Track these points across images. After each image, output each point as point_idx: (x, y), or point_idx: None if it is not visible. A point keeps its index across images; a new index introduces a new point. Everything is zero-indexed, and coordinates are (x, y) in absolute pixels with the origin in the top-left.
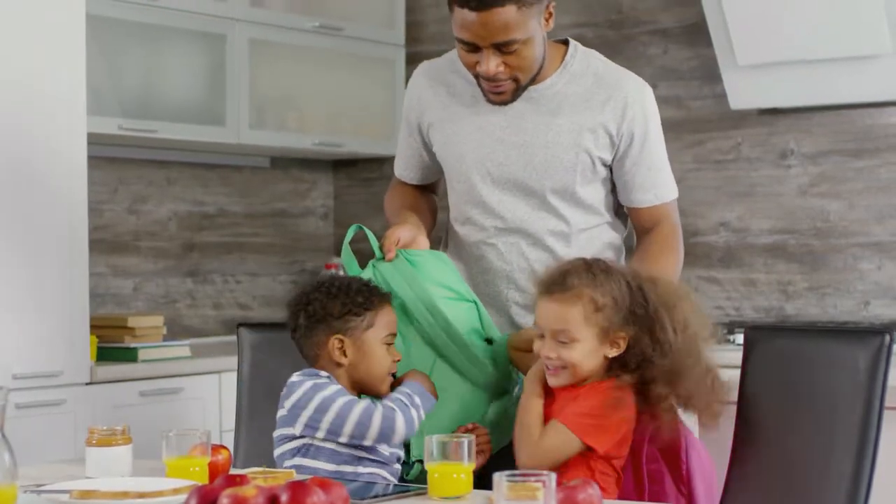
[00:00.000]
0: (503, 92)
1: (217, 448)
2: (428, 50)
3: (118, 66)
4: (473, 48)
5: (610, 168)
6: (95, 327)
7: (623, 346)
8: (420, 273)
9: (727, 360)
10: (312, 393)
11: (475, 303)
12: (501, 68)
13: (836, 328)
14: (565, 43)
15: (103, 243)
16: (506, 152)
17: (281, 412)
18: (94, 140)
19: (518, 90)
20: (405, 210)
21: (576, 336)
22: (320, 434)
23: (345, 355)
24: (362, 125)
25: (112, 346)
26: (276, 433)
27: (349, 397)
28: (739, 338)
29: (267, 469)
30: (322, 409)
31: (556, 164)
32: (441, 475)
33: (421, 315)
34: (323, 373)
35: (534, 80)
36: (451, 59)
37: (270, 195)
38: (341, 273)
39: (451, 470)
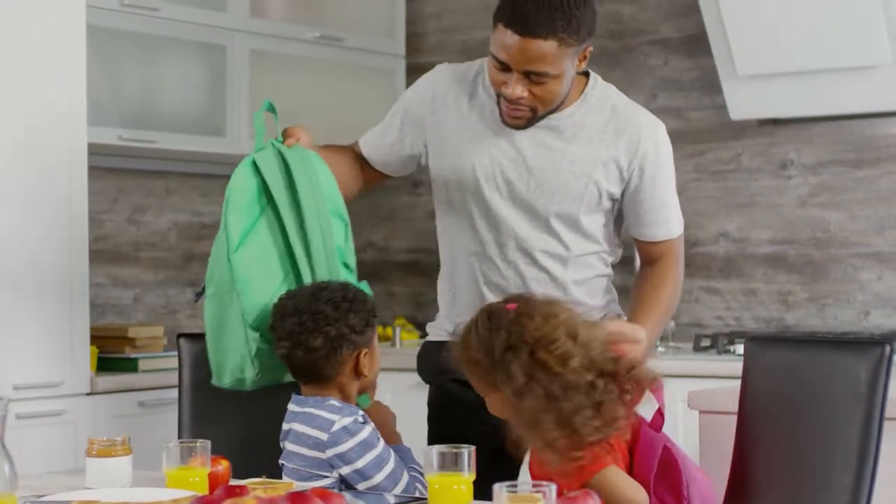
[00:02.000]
0: (520, 117)
1: (217, 459)
2: (428, 60)
3: (118, 77)
4: (505, 68)
5: (616, 200)
6: (96, 338)
7: None
8: (318, 174)
9: (728, 370)
10: (362, 451)
11: (346, 224)
12: (525, 94)
13: (836, 339)
14: (586, 74)
15: (103, 254)
16: (518, 171)
17: (312, 452)
18: (94, 151)
19: (533, 119)
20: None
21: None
22: (360, 487)
23: (367, 367)
24: (362, 135)
25: (112, 357)
26: (298, 466)
27: (396, 459)
28: (740, 348)
29: (267, 480)
30: (373, 469)
31: (564, 190)
32: (441, 486)
33: (309, 212)
34: (360, 413)
35: (552, 110)
36: (478, 70)
37: None
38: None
39: (450, 481)
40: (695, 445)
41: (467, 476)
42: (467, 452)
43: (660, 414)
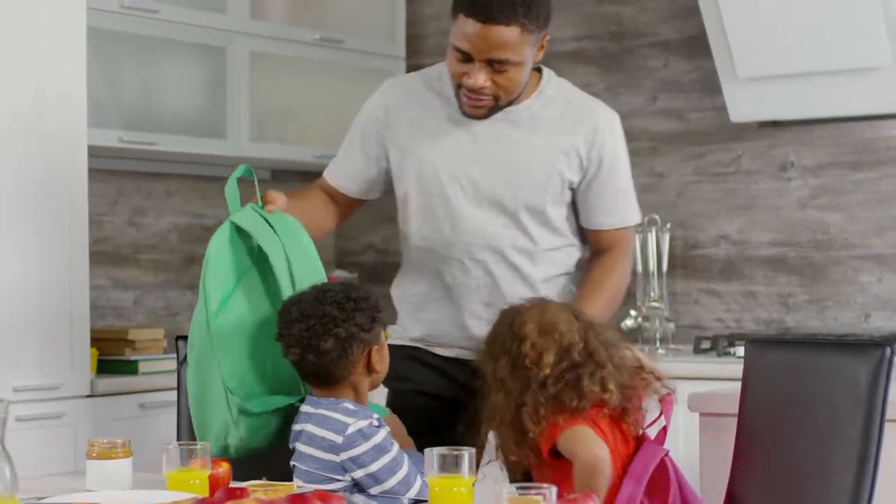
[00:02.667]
0: (481, 106)
1: (217, 461)
2: (428, 62)
3: (118, 79)
4: (467, 59)
5: (574, 191)
6: (96, 340)
7: None
8: (302, 241)
9: (728, 372)
10: (376, 455)
11: None
12: (488, 84)
13: (836, 341)
14: (539, 70)
15: (103, 256)
16: (480, 169)
17: (326, 455)
18: (94, 153)
19: (494, 108)
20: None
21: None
22: (373, 491)
23: (378, 362)
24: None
25: (112, 359)
26: (311, 469)
27: (409, 464)
28: (740, 350)
29: (267, 482)
30: (386, 474)
31: (528, 183)
32: (441, 489)
33: (301, 272)
34: (375, 416)
35: (511, 102)
36: (424, 78)
37: None
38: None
39: (451, 483)
40: (695, 447)
41: (467, 478)
42: (468, 455)
43: (664, 430)
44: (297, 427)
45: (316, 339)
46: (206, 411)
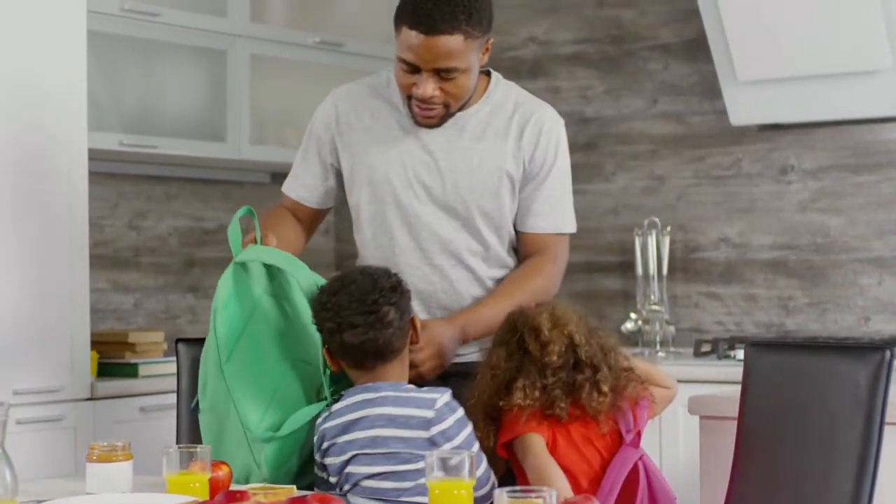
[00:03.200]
0: (433, 116)
1: (217, 464)
2: None
3: (119, 82)
4: (414, 70)
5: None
6: (96, 343)
7: None
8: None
9: (728, 375)
10: (459, 428)
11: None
12: (437, 93)
13: (836, 344)
14: (487, 74)
15: (104, 259)
16: (431, 176)
17: (414, 432)
18: (94, 156)
19: (446, 116)
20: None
21: None
22: None
23: (418, 330)
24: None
25: (113, 362)
26: (396, 450)
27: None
28: (740, 353)
29: (267, 485)
30: (466, 446)
31: (480, 189)
32: (442, 492)
33: (301, 304)
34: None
35: (462, 107)
36: (371, 85)
37: None
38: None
39: (451, 486)
40: (695, 451)
41: (467, 481)
42: (468, 457)
43: (639, 434)
44: (353, 416)
45: (381, 313)
46: (226, 455)
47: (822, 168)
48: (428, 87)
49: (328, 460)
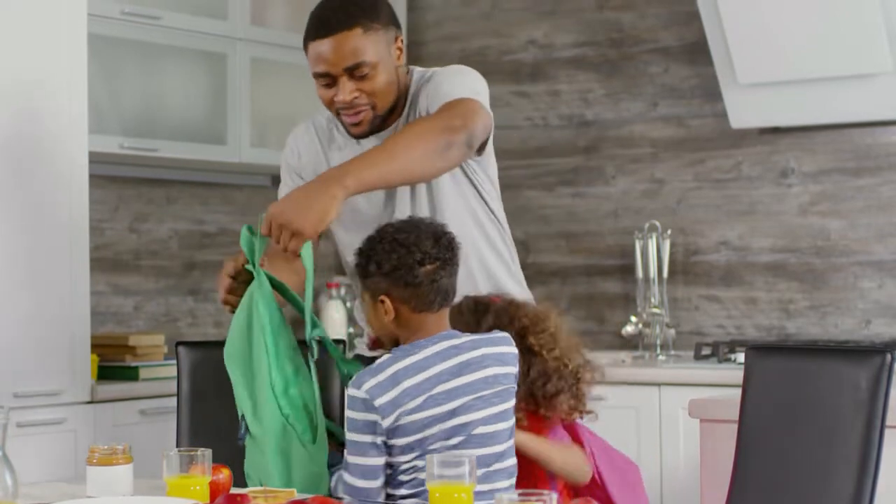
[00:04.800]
0: (360, 122)
1: (218, 467)
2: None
3: (119, 86)
4: (330, 81)
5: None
6: (96, 346)
7: None
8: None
9: (729, 379)
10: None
11: None
12: (356, 94)
13: (837, 347)
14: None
15: (104, 262)
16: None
17: (514, 367)
18: (95, 159)
19: (374, 119)
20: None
21: None
22: None
23: None
24: None
25: (113, 365)
26: (506, 385)
27: None
28: (740, 357)
29: (267, 488)
30: None
31: (444, 200)
32: (442, 495)
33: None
34: None
35: (386, 121)
36: (315, 122)
37: None
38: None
39: (451, 490)
40: (695, 454)
41: (468, 484)
42: (468, 461)
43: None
44: (446, 365)
45: (453, 252)
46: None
47: (823, 171)
48: (345, 91)
49: (412, 417)
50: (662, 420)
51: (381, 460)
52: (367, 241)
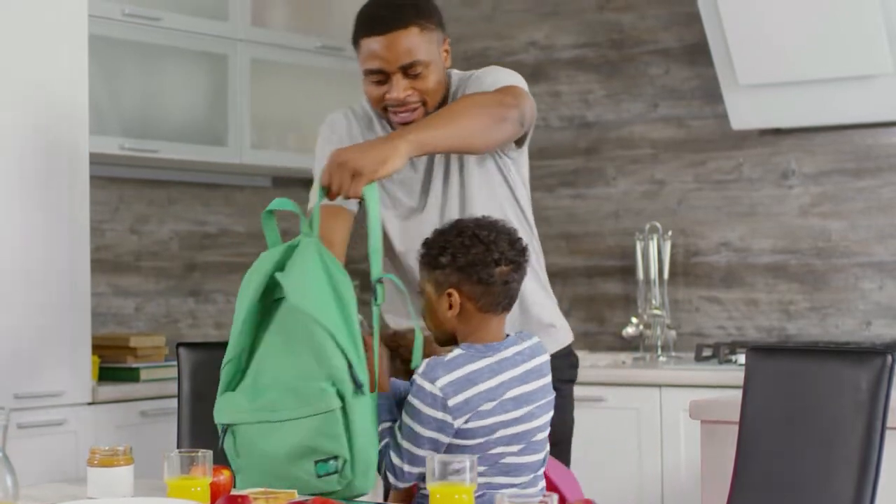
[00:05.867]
0: (413, 120)
1: (218, 468)
2: None
3: (120, 86)
4: (382, 78)
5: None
6: (97, 347)
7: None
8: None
9: (729, 380)
10: None
11: None
12: (409, 92)
13: (837, 348)
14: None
15: (105, 263)
16: (434, 197)
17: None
18: (95, 160)
19: (423, 117)
20: None
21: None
22: None
23: None
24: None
25: (114, 366)
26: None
27: None
28: (741, 358)
29: (268, 490)
30: None
31: (481, 196)
32: (442, 495)
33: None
34: None
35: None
36: (353, 114)
37: None
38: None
39: (452, 490)
40: (696, 455)
41: (468, 485)
42: (468, 462)
43: None
44: (511, 374)
45: (526, 257)
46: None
47: (823, 172)
48: (399, 88)
49: (482, 422)
50: (663, 421)
51: (431, 453)
52: (439, 234)
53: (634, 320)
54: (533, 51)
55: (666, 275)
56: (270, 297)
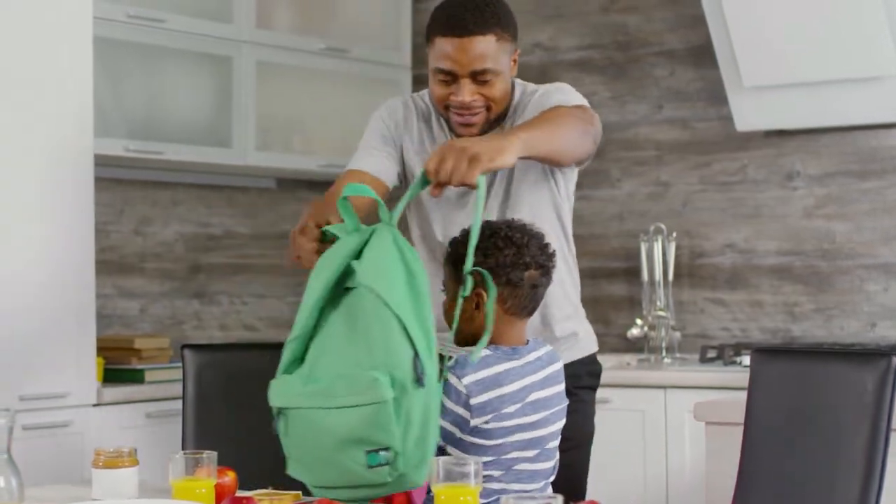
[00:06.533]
0: (474, 123)
1: (223, 470)
2: None
3: (124, 88)
4: (450, 79)
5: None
6: (102, 349)
7: None
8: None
9: (734, 381)
10: None
11: None
12: (476, 97)
13: (842, 350)
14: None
15: (110, 265)
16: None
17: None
18: (100, 161)
19: (485, 124)
20: None
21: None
22: None
23: None
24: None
25: (118, 368)
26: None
27: None
28: (746, 359)
29: (273, 491)
30: None
31: (530, 203)
32: (448, 497)
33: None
34: None
35: (489, 130)
36: (413, 105)
37: (277, 216)
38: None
39: (457, 492)
40: (701, 457)
41: (473, 487)
42: (473, 464)
43: None
44: (526, 381)
45: (554, 262)
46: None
47: (828, 174)
48: (466, 92)
49: (502, 423)
50: (668, 423)
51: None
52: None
53: (639, 322)
54: (538, 52)
55: (671, 276)
56: (342, 285)
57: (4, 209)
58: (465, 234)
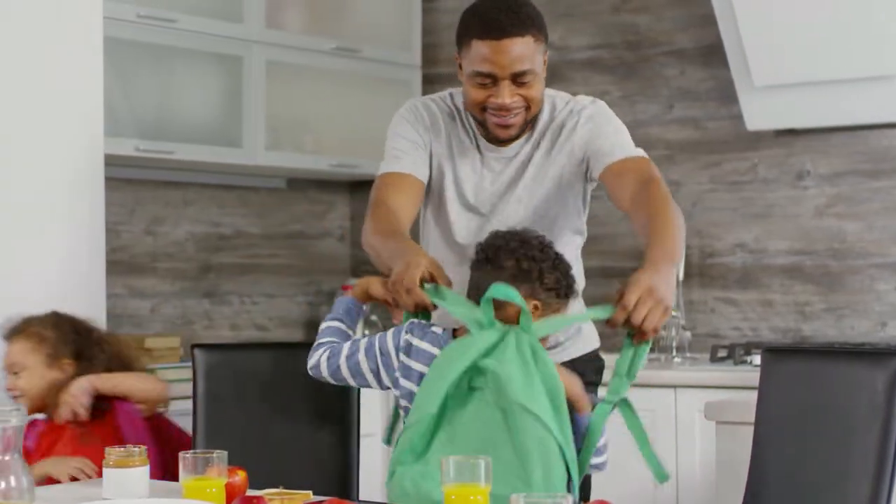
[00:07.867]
0: (512, 125)
1: (234, 469)
2: (444, 71)
3: (135, 88)
4: (489, 82)
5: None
6: None
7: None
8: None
9: (745, 381)
10: None
11: None
12: (517, 98)
13: (853, 349)
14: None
15: (120, 264)
16: (517, 203)
17: None
18: (111, 161)
19: (523, 125)
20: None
21: (25, 364)
22: None
23: None
24: (379, 147)
25: None
26: None
27: None
28: (756, 359)
29: (283, 490)
30: None
31: (561, 205)
32: (458, 497)
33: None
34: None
35: (521, 133)
36: (438, 105)
37: (287, 216)
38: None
39: (467, 492)
40: (711, 456)
41: (483, 486)
42: (484, 463)
43: None
44: None
45: (564, 267)
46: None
47: (839, 173)
48: (506, 94)
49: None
50: (678, 422)
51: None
52: (519, 243)
53: None
54: (548, 52)
55: (681, 276)
56: (466, 380)
57: (16, 209)
58: (519, 243)
